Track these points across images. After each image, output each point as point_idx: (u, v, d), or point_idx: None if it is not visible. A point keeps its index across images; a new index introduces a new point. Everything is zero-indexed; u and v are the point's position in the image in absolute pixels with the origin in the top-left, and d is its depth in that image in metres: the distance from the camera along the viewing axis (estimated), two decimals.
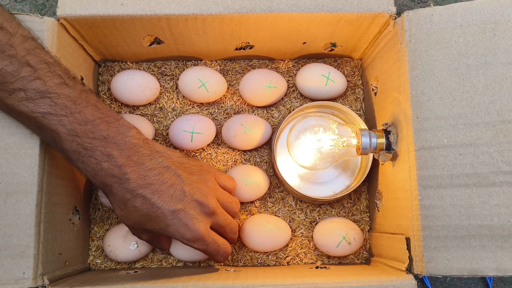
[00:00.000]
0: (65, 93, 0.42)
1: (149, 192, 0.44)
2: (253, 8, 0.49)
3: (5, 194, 0.43)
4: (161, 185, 0.45)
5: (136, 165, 0.44)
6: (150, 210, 0.45)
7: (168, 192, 0.45)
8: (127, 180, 0.44)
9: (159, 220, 0.46)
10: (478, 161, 0.43)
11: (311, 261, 0.58)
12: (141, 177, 0.44)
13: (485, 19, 0.45)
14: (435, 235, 0.43)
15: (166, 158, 0.47)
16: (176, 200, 0.46)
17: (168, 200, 0.45)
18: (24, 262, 0.43)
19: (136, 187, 0.44)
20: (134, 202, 0.45)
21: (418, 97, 0.46)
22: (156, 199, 0.45)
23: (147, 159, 0.45)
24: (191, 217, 0.46)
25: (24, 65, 0.40)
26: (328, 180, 0.59)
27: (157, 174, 0.45)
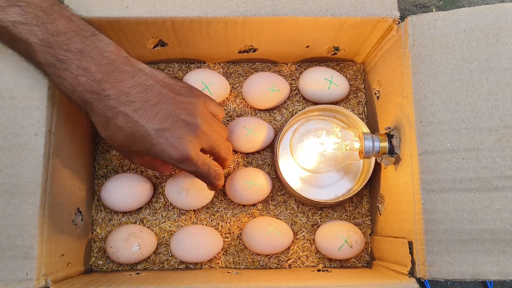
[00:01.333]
0: (35, 2, 0.40)
1: (132, 110, 0.43)
2: (258, 12, 0.50)
3: (9, 195, 0.43)
4: (145, 103, 0.43)
5: (117, 82, 0.42)
6: (133, 129, 0.43)
7: (152, 110, 0.43)
8: (106, 97, 0.42)
9: (144, 140, 0.44)
10: (481, 166, 0.44)
11: (312, 264, 0.58)
12: (123, 94, 0.43)
13: (488, 25, 0.46)
14: (438, 239, 0.44)
15: (151, 77, 0.45)
16: (161, 119, 0.44)
17: (151, 118, 0.43)
18: (28, 263, 0.43)
19: (117, 104, 0.42)
20: (116, 121, 0.43)
21: (421, 101, 0.46)
22: (138, 117, 0.43)
23: (128, 76, 0.43)
24: (177, 137, 0.44)
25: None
26: (330, 183, 0.59)
27: (140, 91, 0.43)
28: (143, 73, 0.45)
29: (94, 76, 0.42)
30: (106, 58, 0.43)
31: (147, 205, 0.59)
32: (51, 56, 0.41)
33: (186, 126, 0.45)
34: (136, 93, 0.43)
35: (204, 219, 0.59)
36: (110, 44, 0.44)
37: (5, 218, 0.43)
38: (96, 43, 0.43)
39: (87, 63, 0.42)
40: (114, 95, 0.42)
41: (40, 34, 0.41)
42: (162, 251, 0.58)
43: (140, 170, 0.60)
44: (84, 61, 0.42)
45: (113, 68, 0.43)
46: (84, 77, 0.42)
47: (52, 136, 0.46)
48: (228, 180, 0.58)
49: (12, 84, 0.45)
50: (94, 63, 0.42)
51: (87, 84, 0.42)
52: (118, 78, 0.43)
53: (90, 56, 0.42)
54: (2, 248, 0.43)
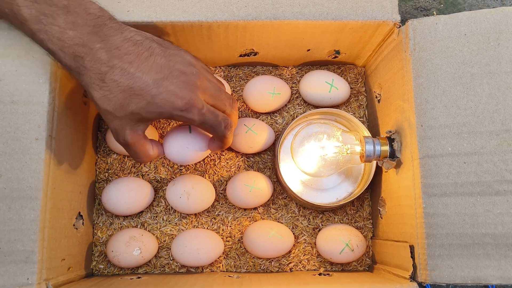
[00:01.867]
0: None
1: (127, 62, 0.42)
2: (259, 16, 0.50)
3: (10, 200, 0.43)
4: (138, 56, 0.42)
5: (107, 36, 0.42)
6: (131, 81, 0.42)
7: (147, 62, 0.42)
8: (99, 50, 0.41)
9: (143, 92, 0.42)
10: (482, 170, 0.44)
11: (314, 268, 0.58)
12: (115, 48, 0.42)
13: (489, 29, 0.46)
14: (439, 243, 0.43)
15: (138, 33, 0.44)
16: (157, 70, 0.42)
17: (147, 70, 0.42)
18: (28, 267, 0.43)
19: (111, 57, 0.41)
20: (112, 75, 0.41)
21: (423, 105, 0.46)
22: (134, 69, 0.42)
23: (117, 31, 0.42)
24: (177, 84, 0.43)
25: None
26: (331, 187, 0.59)
27: (131, 45, 0.42)
28: (130, 30, 0.44)
29: (82, 30, 0.41)
30: (92, 14, 0.42)
31: (148, 209, 0.59)
32: (36, 11, 0.40)
33: (184, 75, 0.43)
34: (127, 47, 0.42)
35: (205, 223, 0.59)
36: (93, 3, 0.43)
37: (6, 223, 0.43)
38: (80, 1, 0.42)
39: (74, 17, 0.41)
40: (106, 47, 0.41)
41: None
42: (163, 255, 0.58)
43: (141, 174, 0.60)
44: (71, 15, 0.41)
45: (101, 23, 0.42)
46: (72, 30, 0.41)
47: (53, 140, 0.46)
48: (229, 184, 0.58)
49: (13, 89, 0.45)
50: (81, 18, 0.41)
51: (76, 38, 0.41)
52: (107, 34, 0.42)
53: (76, 11, 0.41)
54: (3, 252, 0.43)
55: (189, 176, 0.57)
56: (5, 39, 0.45)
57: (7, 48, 0.45)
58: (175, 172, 0.60)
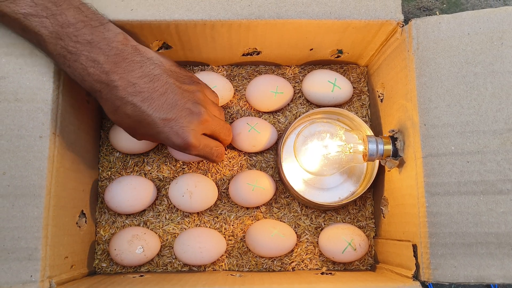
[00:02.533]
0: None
1: (139, 100, 0.44)
2: (262, 15, 0.50)
3: (14, 197, 0.44)
4: (152, 93, 0.45)
5: (125, 72, 0.44)
6: (140, 117, 0.45)
7: (159, 100, 0.45)
8: (115, 88, 0.44)
9: (150, 127, 0.46)
10: (485, 169, 0.44)
11: (316, 267, 0.58)
12: (130, 85, 0.44)
13: (492, 28, 0.46)
14: (442, 242, 0.43)
15: (158, 65, 0.46)
16: (167, 109, 0.46)
17: (158, 108, 0.45)
18: (32, 265, 0.43)
19: (125, 94, 0.44)
20: (125, 109, 0.45)
21: (426, 104, 0.46)
22: (146, 107, 0.45)
23: (137, 66, 0.45)
24: (181, 126, 0.47)
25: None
26: (333, 186, 0.59)
27: (147, 82, 0.45)
28: (151, 62, 0.46)
29: (102, 68, 0.43)
30: (115, 48, 0.44)
31: (151, 207, 0.59)
32: (61, 47, 0.42)
33: (190, 115, 0.47)
34: (143, 84, 0.45)
35: (207, 222, 0.59)
36: (118, 34, 0.45)
37: (9, 220, 0.43)
38: (104, 33, 0.44)
39: (96, 54, 0.43)
40: (122, 86, 0.44)
41: (50, 26, 0.41)
42: (166, 253, 0.58)
43: (143, 173, 0.60)
44: (93, 52, 0.43)
45: (121, 58, 0.44)
46: (93, 68, 0.43)
47: (57, 138, 0.46)
48: (232, 183, 0.58)
49: (17, 87, 0.45)
50: (103, 54, 0.43)
51: (96, 75, 0.43)
52: (126, 69, 0.44)
53: (98, 47, 0.43)
54: (7, 250, 0.43)
55: (191, 174, 0.58)
56: (9, 37, 0.45)
57: (11, 46, 0.45)
58: (177, 171, 0.60)
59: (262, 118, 0.62)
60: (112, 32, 0.44)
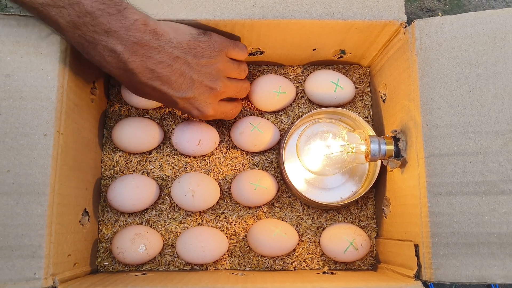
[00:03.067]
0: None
1: (159, 84, 0.47)
2: (265, 15, 0.50)
3: (18, 195, 0.44)
4: (171, 75, 0.47)
5: (143, 59, 0.45)
6: (161, 96, 0.48)
7: (178, 81, 0.47)
8: (134, 74, 0.45)
9: (171, 103, 0.50)
10: (487, 169, 0.44)
11: (317, 267, 0.59)
12: (149, 71, 0.45)
13: (495, 29, 0.46)
14: (444, 242, 0.44)
15: (176, 47, 0.47)
16: (187, 88, 0.48)
17: (178, 88, 0.48)
18: (35, 262, 0.43)
19: (144, 79, 0.46)
20: (145, 90, 0.48)
21: (428, 104, 0.46)
22: (166, 88, 0.47)
23: (155, 52, 0.45)
24: (200, 102, 0.50)
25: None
26: (335, 186, 0.60)
27: (165, 66, 0.46)
28: (170, 45, 0.46)
29: (120, 57, 0.44)
30: (132, 37, 0.43)
31: (153, 206, 0.59)
32: (79, 36, 0.43)
33: (209, 91, 0.50)
34: (161, 68, 0.46)
35: (209, 221, 0.59)
36: (136, 20, 0.44)
37: (13, 218, 0.43)
38: (122, 21, 0.43)
39: (113, 44, 0.43)
40: (141, 72, 0.45)
41: (67, 15, 0.41)
42: (168, 252, 0.58)
43: (146, 172, 0.60)
44: (110, 42, 0.43)
45: (139, 46, 0.44)
46: (111, 57, 0.44)
47: (61, 136, 0.46)
48: (234, 182, 0.58)
49: (21, 85, 0.45)
50: (121, 43, 0.43)
51: (113, 63, 0.44)
52: (144, 55, 0.45)
53: (116, 36, 0.43)
54: (11, 247, 0.43)
55: (194, 174, 0.58)
56: (14, 35, 0.46)
57: (15, 45, 0.46)
58: (180, 170, 0.60)
59: (265, 118, 0.62)
60: (129, 20, 0.43)
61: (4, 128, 0.44)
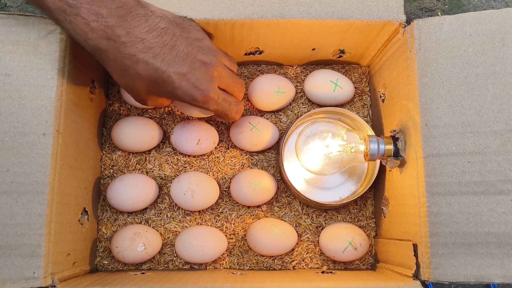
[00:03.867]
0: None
1: (151, 56, 0.43)
2: (265, 14, 0.50)
3: (17, 194, 0.44)
4: (162, 48, 0.43)
5: (131, 27, 0.42)
6: (154, 74, 0.43)
7: (171, 54, 0.44)
8: (123, 44, 0.41)
9: (166, 84, 0.45)
10: (486, 169, 0.44)
11: (316, 266, 0.59)
12: (139, 40, 0.42)
13: (494, 29, 0.46)
14: (443, 241, 0.44)
15: (163, 18, 0.44)
16: (180, 62, 0.44)
17: (171, 62, 0.44)
18: (35, 261, 0.43)
19: (135, 51, 0.42)
20: (136, 68, 0.43)
21: (427, 104, 0.46)
22: (159, 63, 0.43)
23: (142, 20, 0.42)
24: (197, 78, 0.45)
25: None
26: (334, 186, 0.60)
27: (156, 36, 0.43)
28: (155, 16, 0.44)
29: (106, 21, 0.41)
30: (117, 1, 0.41)
31: (152, 205, 0.59)
32: (60, 0, 0.40)
33: (204, 66, 0.46)
34: (152, 38, 0.43)
35: (209, 220, 0.59)
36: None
37: (13, 217, 0.43)
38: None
39: (98, 7, 0.40)
40: (130, 42, 0.42)
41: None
42: (167, 251, 0.58)
43: (145, 171, 0.60)
44: (95, 4, 0.40)
45: (125, 11, 0.42)
46: (96, 22, 0.40)
47: (60, 136, 0.46)
48: (233, 181, 0.58)
49: (21, 84, 0.45)
50: (105, 7, 0.40)
51: (100, 30, 0.41)
52: (131, 23, 0.42)
53: (100, 0, 0.40)
54: (10, 246, 0.43)
55: (193, 173, 0.58)
56: (13, 35, 0.46)
57: (15, 44, 0.46)
58: (179, 170, 0.60)
59: (264, 117, 0.62)
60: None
61: (3, 127, 0.44)
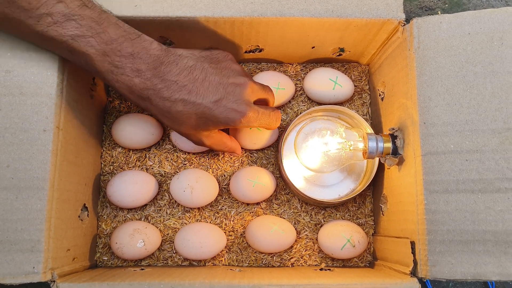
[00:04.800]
0: (87, 14, 0.43)
1: (186, 93, 0.47)
2: (264, 12, 0.50)
3: (17, 190, 0.44)
4: (194, 83, 0.48)
5: (164, 74, 0.47)
6: (193, 109, 0.48)
7: (203, 86, 0.48)
8: (161, 90, 0.47)
9: (206, 115, 0.48)
10: (484, 167, 0.44)
11: (315, 263, 0.59)
12: (173, 83, 0.47)
13: (493, 28, 0.46)
14: (440, 239, 0.44)
15: (190, 57, 0.49)
16: (214, 91, 0.48)
17: (205, 93, 0.48)
18: (34, 256, 0.44)
19: (171, 93, 0.47)
20: (176, 107, 0.48)
21: (426, 103, 0.46)
22: (194, 97, 0.47)
23: (173, 65, 0.47)
24: (234, 101, 0.49)
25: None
26: (333, 183, 0.60)
27: (186, 75, 0.48)
28: (183, 57, 0.48)
29: (145, 75, 0.46)
30: (152, 56, 0.46)
31: (152, 202, 0.60)
32: (109, 63, 0.45)
33: (238, 87, 0.50)
34: (183, 78, 0.47)
35: (208, 217, 0.60)
36: (152, 42, 0.47)
37: (13, 212, 0.44)
38: (141, 43, 0.46)
39: (138, 64, 0.46)
40: (166, 86, 0.47)
41: (96, 44, 0.44)
42: (166, 248, 0.59)
43: (145, 168, 0.60)
44: (136, 63, 0.46)
45: (159, 63, 0.47)
46: (138, 77, 0.46)
47: (60, 132, 0.47)
48: (233, 179, 0.59)
49: (21, 81, 0.45)
50: (144, 63, 0.46)
51: (141, 83, 0.46)
52: (164, 71, 0.47)
53: (139, 57, 0.46)
54: (10, 241, 0.43)
55: (193, 170, 0.58)
56: None
57: (15, 41, 0.46)
58: (179, 167, 0.61)
59: None
60: (147, 42, 0.47)
61: (4, 123, 0.45)
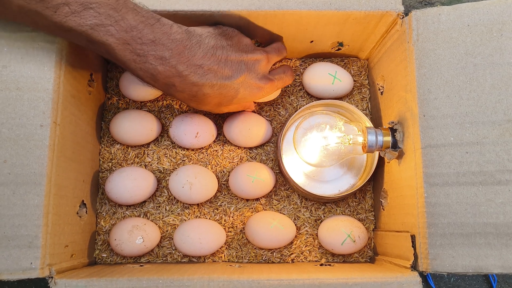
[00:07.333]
0: (104, 1, 0.42)
1: (212, 76, 0.48)
2: (262, 5, 0.50)
3: (14, 185, 0.44)
4: (219, 64, 0.48)
5: (189, 59, 0.46)
6: (219, 90, 0.49)
7: (226, 66, 0.49)
8: (187, 76, 0.47)
9: (231, 93, 0.50)
10: (484, 160, 0.44)
11: (315, 259, 0.59)
12: (198, 67, 0.47)
13: (492, 20, 0.46)
14: (441, 232, 0.44)
15: (210, 36, 0.49)
16: (237, 70, 0.50)
17: (230, 74, 0.49)
18: (32, 252, 0.43)
19: (198, 78, 0.47)
20: (203, 90, 0.48)
21: (425, 95, 0.46)
22: (220, 79, 0.48)
23: (196, 47, 0.47)
24: (255, 77, 0.52)
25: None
26: (333, 179, 0.59)
27: (210, 57, 0.48)
28: (204, 37, 0.49)
29: (170, 62, 0.45)
30: (174, 41, 0.46)
31: (151, 198, 0.59)
32: (130, 52, 0.44)
33: (256, 62, 0.52)
34: (207, 60, 0.48)
35: (207, 213, 0.59)
36: (172, 25, 0.46)
37: (10, 208, 0.44)
38: (162, 28, 0.45)
39: (161, 51, 0.45)
40: (192, 72, 0.47)
41: (116, 33, 0.42)
42: (166, 244, 0.58)
43: (144, 164, 0.60)
44: (158, 50, 0.45)
45: (183, 47, 0.46)
46: (162, 65, 0.45)
47: (57, 127, 0.47)
48: (232, 174, 0.58)
49: (18, 76, 0.45)
50: (167, 49, 0.45)
51: (166, 71, 0.46)
52: (189, 55, 0.46)
53: (161, 43, 0.45)
54: (7, 237, 0.43)
55: (192, 166, 0.58)
56: (10, 26, 0.46)
57: (12, 35, 0.46)
58: (178, 163, 0.60)
59: (264, 109, 0.62)
60: (167, 26, 0.45)
61: (0, 119, 0.44)
